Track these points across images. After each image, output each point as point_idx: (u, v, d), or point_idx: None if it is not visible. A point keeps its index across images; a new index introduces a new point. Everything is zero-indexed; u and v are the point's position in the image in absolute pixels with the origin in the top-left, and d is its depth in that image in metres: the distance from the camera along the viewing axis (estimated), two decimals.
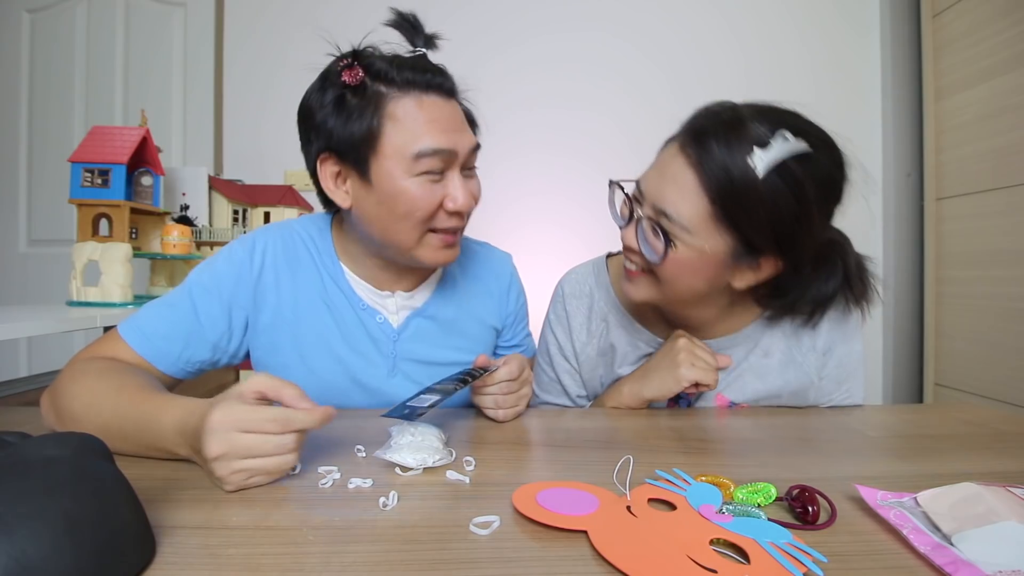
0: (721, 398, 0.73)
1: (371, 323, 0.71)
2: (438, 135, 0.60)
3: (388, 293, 0.72)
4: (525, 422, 0.64)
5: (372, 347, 0.71)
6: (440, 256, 0.65)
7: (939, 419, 0.65)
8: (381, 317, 0.71)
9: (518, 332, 0.86)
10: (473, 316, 0.78)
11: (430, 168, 0.60)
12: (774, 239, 0.56)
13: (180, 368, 0.65)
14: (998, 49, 1.41)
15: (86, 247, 1.03)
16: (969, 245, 1.50)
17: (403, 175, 0.60)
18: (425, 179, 0.60)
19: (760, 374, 0.71)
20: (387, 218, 0.62)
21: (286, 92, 0.85)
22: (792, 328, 0.70)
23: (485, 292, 0.80)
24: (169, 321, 0.64)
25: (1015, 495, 0.38)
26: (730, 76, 1.74)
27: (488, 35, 1.79)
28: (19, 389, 0.90)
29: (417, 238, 0.63)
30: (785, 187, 0.53)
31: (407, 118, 0.60)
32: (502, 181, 1.78)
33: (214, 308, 0.66)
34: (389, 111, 0.60)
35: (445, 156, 0.60)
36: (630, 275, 0.66)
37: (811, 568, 0.31)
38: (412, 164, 0.59)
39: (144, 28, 1.84)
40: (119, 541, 0.30)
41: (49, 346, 1.83)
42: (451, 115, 0.63)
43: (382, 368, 0.71)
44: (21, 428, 0.37)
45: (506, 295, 0.82)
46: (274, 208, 1.54)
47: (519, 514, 0.38)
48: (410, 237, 0.63)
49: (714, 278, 0.60)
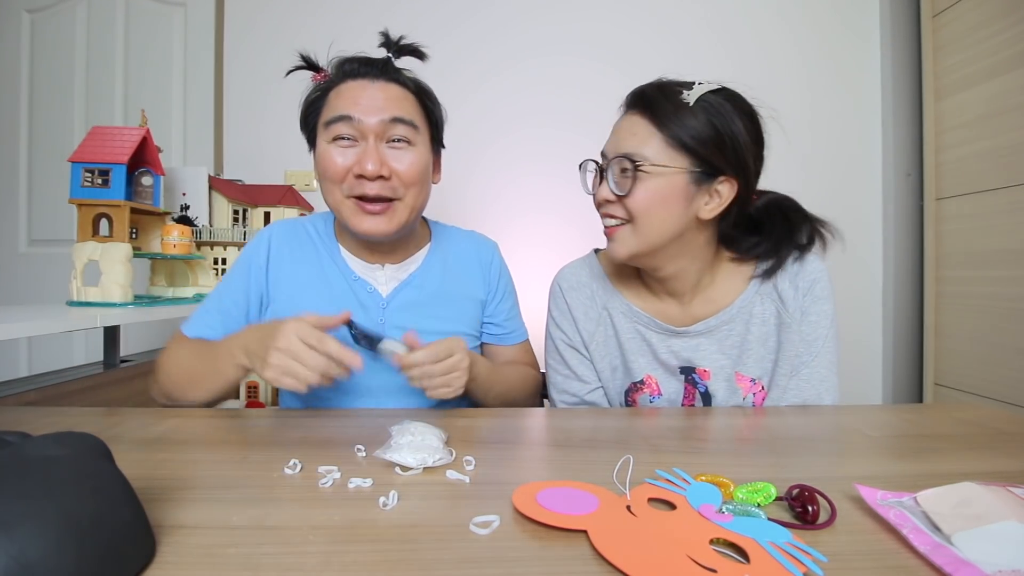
0: (740, 378, 0.75)
1: (362, 292, 0.80)
2: (346, 106, 0.71)
3: (378, 266, 0.81)
4: (525, 422, 0.64)
5: (363, 315, 0.78)
6: (364, 223, 0.73)
7: (939, 419, 0.65)
8: (371, 288, 0.80)
9: (502, 309, 0.89)
10: (458, 288, 0.84)
11: (339, 134, 0.71)
12: (720, 155, 0.66)
13: None
14: (998, 49, 1.41)
15: (86, 247, 1.03)
16: (969, 245, 1.50)
17: (322, 142, 0.73)
18: (336, 145, 0.72)
19: (763, 340, 0.74)
20: (320, 182, 0.75)
21: (286, 92, 0.86)
22: (776, 293, 0.75)
23: (469, 268, 0.87)
24: (209, 313, 0.79)
25: (1015, 495, 0.38)
26: (729, 75, 1.73)
27: (480, 22, 1.79)
28: (19, 389, 0.90)
29: (339, 200, 0.73)
30: (712, 108, 0.66)
31: (334, 98, 0.73)
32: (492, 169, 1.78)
33: (238, 294, 0.80)
34: (329, 97, 0.74)
35: (349, 123, 0.71)
36: (610, 233, 0.72)
37: (811, 568, 0.31)
38: (324, 131, 0.73)
39: (144, 28, 1.84)
40: (119, 541, 0.30)
41: (49, 346, 1.83)
42: (371, 95, 0.72)
43: None
44: (21, 428, 0.37)
45: (488, 268, 0.89)
46: (274, 208, 1.54)
47: (519, 514, 0.38)
48: (333, 199, 0.74)
49: (682, 210, 0.68)
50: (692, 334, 0.76)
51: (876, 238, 1.75)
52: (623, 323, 0.79)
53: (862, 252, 1.74)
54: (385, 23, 0.73)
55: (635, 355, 0.78)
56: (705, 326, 0.75)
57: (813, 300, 0.74)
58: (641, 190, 0.67)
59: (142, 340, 1.68)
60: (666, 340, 0.77)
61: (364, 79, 0.73)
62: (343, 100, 0.72)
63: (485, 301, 0.88)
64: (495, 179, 1.80)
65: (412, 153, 0.73)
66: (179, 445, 0.54)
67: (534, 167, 1.79)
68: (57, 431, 0.34)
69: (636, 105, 0.70)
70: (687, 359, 0.77)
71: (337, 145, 0.71)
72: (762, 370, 0.75)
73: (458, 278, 0.85)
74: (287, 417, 0.65)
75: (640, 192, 0.67)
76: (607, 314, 0.80)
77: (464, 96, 1.75)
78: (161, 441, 0.55)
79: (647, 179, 0.66)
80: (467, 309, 0.85)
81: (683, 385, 0.77)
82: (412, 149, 0.74)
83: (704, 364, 0.76)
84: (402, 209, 0.74)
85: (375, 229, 0.73)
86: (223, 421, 0.64)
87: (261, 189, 1.56)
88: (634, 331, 0.79)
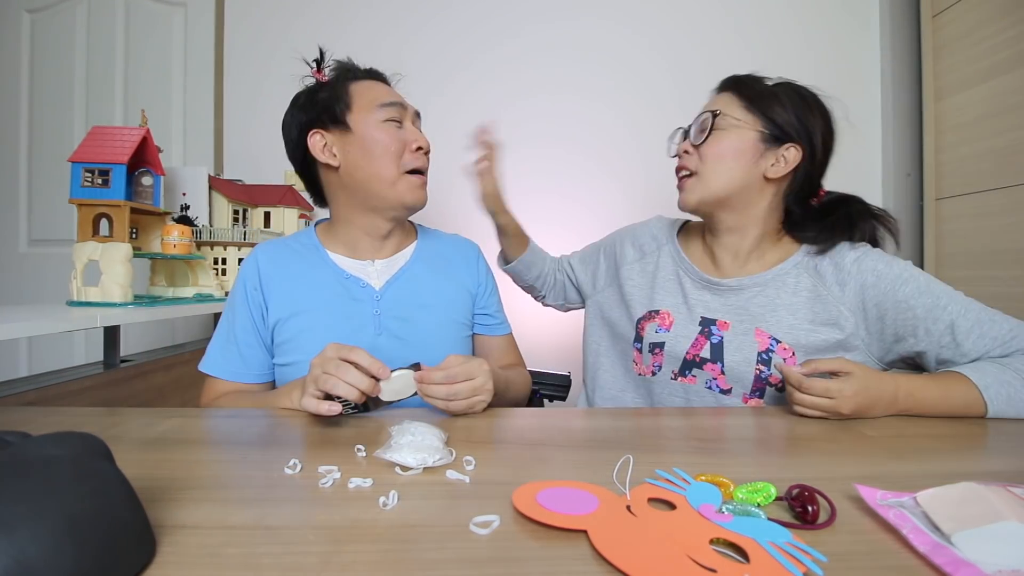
0: (760, 332, 0.76)
1: (355, 288, 0.82)
2: (389, 95, 0.82)
3: (368, 261, 0.85)
4: (525, 422, 0.64)
5: (357, 310, 0.81)
6: (416, 195, 0.82)
7: (939, 419, 0.65)
8: (364, 283, 0.83)
9: (493, 302, 0.94)
10: (448, 279, 0.88)
11: (390, 116, 0.80)
12: (788, 121, 0.76)
13: (257, 374, 0.81)
14: (998, 49, 1.41)
15: (86, 247, 1.03)
16: (969, 245, 1.50)
17: (374, 123, 0.79)
18: (390, 125, 0.80)
19: (792, 310, 0.77)
20: (368, 161, 0.79)
21: (286, 92, 0.86)
22: (816, 269, 0.78)
23: (456, 261, 0.92)
24: (226, 348, 0.82)
25: (1015, 495, 0.38)
26: (728, 75, 1.74)
27: (484, 25, 1.78)
28: (19, 389, 0.90)
29: (395, 175, 0.80)
30: (790, 90, 0.78)
31: (365, 88, 0.82)
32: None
33: (246, 321, 0.81)
34: (351, 87, 0.82)
35: (399, 108, 0.81)
36: (681, 184, 0.81)
37: (811, 568, 0.31)
38: (378, 111, 0.80)
39: (144, 28, 1.84)
40: (119, 541, 0.30)
41: (49, 346, 1.83)
42: (392, 89, 0.86)
43: (369, 329, 0.80)
44: (21, 428, 0.37)
45: (476, 263, 0.94)
46: (274, 208, 1.54)
47: (519, 514, 0.38)
48: (389, 173, 0.79)
49: (750, 164, 0.76)
50: (723, 287, 0.81)
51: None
52: (667, 263, 0.88)
53: None
54: (383, 23, 0.75)
55: (664, 293, 0.86)
56: (738, 282, 0.80)
57: (861, 271, 0.74)
58: (714, 140, 0.76)
59: (142, 340, 1.68)
60: (699, 291, 0.83)
61: (377, 81, 0.85)
62: (378, 91, 0.82)
63: (475, 294, 0.91)
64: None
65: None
66: (179, 445, 0.54)
67: (534, 170, 1.79)
68: (57, 431, 0.34)
69: (725, 85, 0.82)
70: (713, 310, 0.81)
71: (392, 126, 0.80)
72: (793, 337, 0.75)
73: (447, 271, 0.89)
74: (287, 417, 0.65)
75: (713, 142, 0.76)
76: (655, 255, 0.91)
77: (466, 97, 1.75)
78: (161, 441, 0.55)
79: (721, 132, 0.76)
80: (458, 299, 0.88)
81: (696, 335, 0.80)
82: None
83: (726, 317, 0.80)
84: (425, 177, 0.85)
85: (423, 198, 0.83)
86: (223, 421, 0.64)
87: (261, 189, 1.56)
88: (674, 273, 0.87)
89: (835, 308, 0.74)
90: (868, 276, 0.73)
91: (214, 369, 0.81)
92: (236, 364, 0.80)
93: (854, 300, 0.74)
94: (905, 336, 0.72)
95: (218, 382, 0.81)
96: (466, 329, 0.89)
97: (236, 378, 0.80)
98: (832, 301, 0.75)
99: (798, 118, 0.76)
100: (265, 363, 0.82)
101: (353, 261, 0.85)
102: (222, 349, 0.82)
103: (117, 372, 1.11)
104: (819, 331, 0.75)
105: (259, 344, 0.81)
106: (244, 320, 0.81)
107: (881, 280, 0.72)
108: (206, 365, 0.81)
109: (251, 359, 0.81)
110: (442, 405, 0.63)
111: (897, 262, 0.73)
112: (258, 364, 0.81)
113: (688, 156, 0.79)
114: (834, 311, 0.74)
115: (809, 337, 0.74)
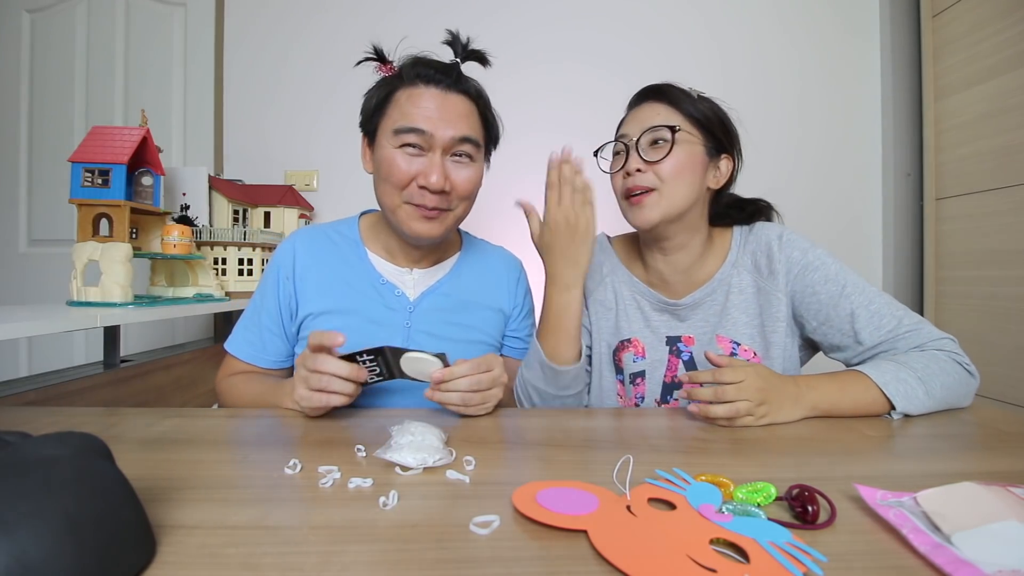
0: (721, 339, 0.79)
1: (389, 296, 0.81)
2: (417, 118, 0.72)
3: (407, 270, 0.83)
4: (525, 422, 0.64)
5: (389, 317, 0.79)
6: (417, 227, 0.75)
7: (939, 419, 0.65)
8: (399, 291, 0.81)
9: (526, 326, 0.91)
10: (484, 300, 0.86)
11: (408, 142, 0.72)
12: (724, 136, 0.78)
13: (273, 360, 0.82)
14: (998, 49, 1.41)
15: (86, 247, 1.03)
16: (969, 245, 1.50)
17: (388, 145, 0.73)
18: (405, 152, 0.72)
19: (743, 308, 0.79)
20: (378, 180, 0.76)
21: (286, 92, 0.86)
22: (752, 265, 0.80)
23: (496, 280, 0.89)
24: (249, 330, 0.83)
25: (1015, 495, 0.38)
26: (730, 75, 1.74)
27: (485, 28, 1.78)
28: (19, 389, 0.90)
29: (396, 204, 0.75)
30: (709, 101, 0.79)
31: (403, 101, 0.73)
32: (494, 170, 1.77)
33: (272, 309, 0.81)
34: (396, 96, 0.74)
35: (419, 135, 0.71)
36: (637, 201, 0.76)
37: (811, 568, 0.31)
38: (393, 137, 0.73)
39: (144, 28, 1.84)
40: (119, 541, 0.30)
41: (49, 346, 1.83)
42: (441, 105, 0.73)
43: (397, 339, 0.79)
44: (21, 428, 0.37)
45: (515, 285, 0.91)
46: (274, 208, 1.54)
47: (519, 514, 0.38)
48: (390, 200, 0.75)
49: (700, 178, 0.77)
50: (682, 307, 0.82)
51: (876, 238, 1.74)
52: (623, 290, 0.86)
53: (862, 252, 1.74)
54: (386, 24, 0.73)
55: (627, 319, 0.85)
56: (692, 299, 0.81)
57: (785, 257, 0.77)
58: (673, 157, 0.75)
59: (142, 340, 1.68)
60: (659, 313, 0.84)
61: (437, 87, 0.73)
62: (417, 109, 0.72)
63: (509, 316, 0.89)
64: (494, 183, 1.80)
65: (471, 169, 0.76)
66: (179, 445, 0.54)
67: (534, 172, 1.79)
68: (57, 431, 0.34)
69: (651, 95, 0.79)
70: (675, 328, 0.83)
71: (404, 152, 0.72)
72: (749, 337, 0.78)
73: (485, 288, 0.87)
74: (287, 417, 0.65)
75: (672, 159, 0.75)
76: (609, 281, 0.88)
77: None
78: (161, 441, 0.55)
79: (678, 147, 0.75)
80: (491, 319, 0.86)
81: (667, 356, 0.82)
82: (472, 165, 0.76)
83: (689, 332, 0.82)
84: (451, 218, 0.77)
85: (427, 232, 0.75)
86: (223, 421, 0.64)
87: (261, 189, 1.56)
88: (632, 299, 0.86)
89: (776, 297, 0.77)
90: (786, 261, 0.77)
91: (234, 348, 0.83)
92: (255, 347, 0.82)
93: (783, 284, 0.77)
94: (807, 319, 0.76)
95: (236, 361, 0.83)
96: (494, 351, 0.86)
97: (253, 360, 0.82)
98: (773, 291, 0.78)
99: (727, 128, 0.79)
100: (282, 350, 0.83)
101: (391, 267, 0.83)
102: (245, 330, 0.84)
103: (117, 372, 1.11)
104: (776, 327, 0.77)
105: (280, 332, 0.82)
106: (271, 307, 0.82)
107: (794, 266, 0.76)
108: (229, 343, 0.84)
109: (269, 344, 0.82)
110: (457, 405, 0.62)
111: (813, 249, 0.77)
112: (275, 351, 0.82)
113: (641, 175, 0.75)
114: (777, 303, 0.77)
115: (767, 336, 0.77)
